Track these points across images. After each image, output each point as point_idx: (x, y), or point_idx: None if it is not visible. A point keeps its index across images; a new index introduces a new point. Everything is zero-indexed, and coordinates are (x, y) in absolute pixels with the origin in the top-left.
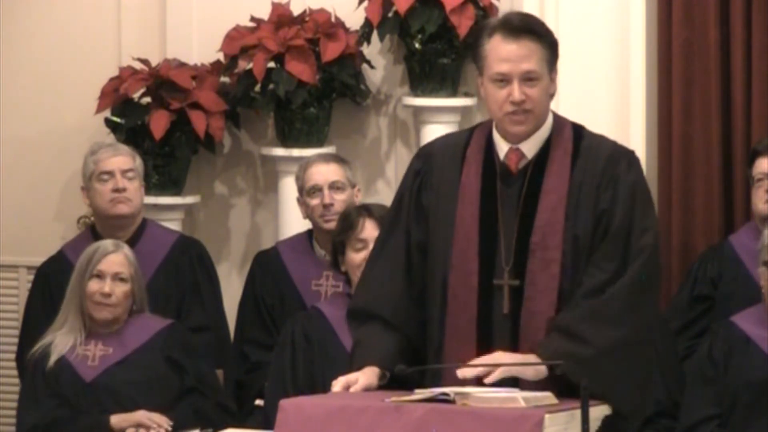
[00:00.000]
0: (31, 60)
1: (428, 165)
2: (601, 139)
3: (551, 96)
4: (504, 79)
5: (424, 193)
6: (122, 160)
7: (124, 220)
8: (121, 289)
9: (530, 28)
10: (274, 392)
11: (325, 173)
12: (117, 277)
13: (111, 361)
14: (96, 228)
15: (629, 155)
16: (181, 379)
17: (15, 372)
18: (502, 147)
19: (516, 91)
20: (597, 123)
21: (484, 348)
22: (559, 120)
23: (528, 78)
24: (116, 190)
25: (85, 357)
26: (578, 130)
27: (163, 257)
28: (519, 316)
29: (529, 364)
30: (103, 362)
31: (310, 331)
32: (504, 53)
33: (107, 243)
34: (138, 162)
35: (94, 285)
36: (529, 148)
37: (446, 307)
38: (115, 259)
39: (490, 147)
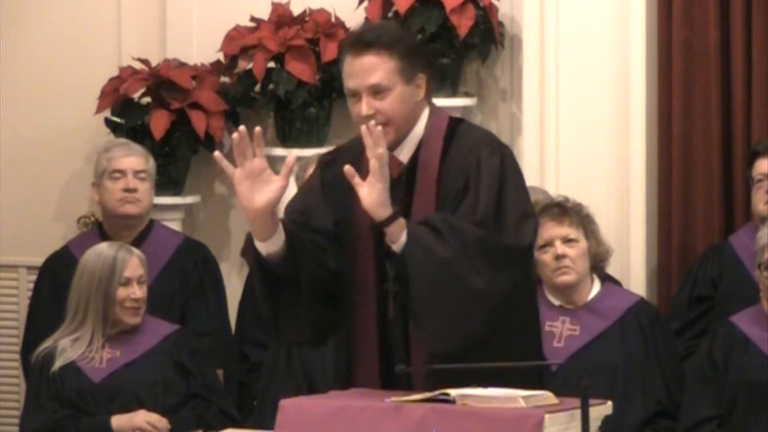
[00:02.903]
0: (31, 60)
1: (335, 162)
2: (472, 133)
3: (419, 101)
4: (355, 95)
5: (329, 186)
6: (136, 160)
7: (132, 220)
8: (144, 291)
9: (375, 42)
10: (267, 391)
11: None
12: (140, 281)
13: (119, 363)
14: (103, 226)
15: (492, 144)
16: (188, 384)
17: (16, 372)
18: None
19: (363, 105)
20: (597, 123)
21: (385, 347)
22: (435, 118)
23: (376, 91)
24: (127, 190)
25: (92, 359)
26: (453, 127)
27: (168, 259)
28: (406, 317)
29: (522, 365)
30: (111, 364)
31: None
32: (350, 69)
33: (120, 248)
34: (151, 163)
35: (123, 292)
36: (403, 153)
37: (351, 306)
38: (135, 262)
39: None
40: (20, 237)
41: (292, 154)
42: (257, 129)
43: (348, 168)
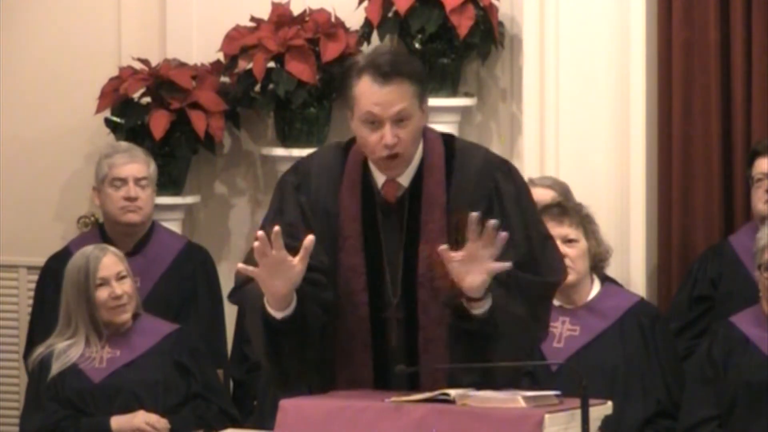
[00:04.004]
0: (31, 60)
1: (306, 186)
2: (472, 152)
3: (422, 127)
4: (375, 121)
5: (309, 212)
6: (137, 167)
7: (134, 227)
8: (127, 287)
9: (398, 71)
10: (268, 391)
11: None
12: (119, 277)
13: (119, 363)
14: (105, 229)
15: (502, 166)
16: (188, 384)
17: (16, 372)
18: (379, 177)
19: (388, 135)
20: (597, 123)
21: (381, 372)
22: (429, 140)
23: (399, 119)
24: (128, 199)
25: (91, 359)
26: (449, 146)
27: (169, 264)
28: (413, 345)
29: (522, 365)
30: (111, 364)
31: None
32: (374, 97)
33: (93, 250)
34: (152, 168)
35: (103, 293)
36: (404, 178)
37: (338, 335)
38: (110, 260)
39: (366, 173)
40: (20, 237)
41: (310, 237)
42: (276, 229)
43: (444, 249)
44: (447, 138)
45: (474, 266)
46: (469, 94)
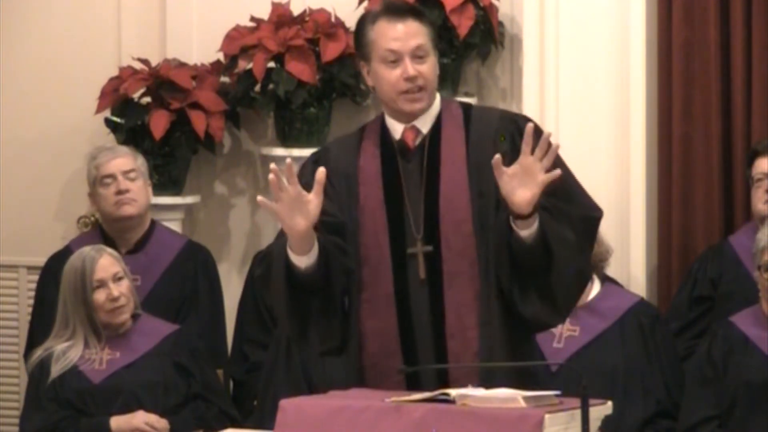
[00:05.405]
0: (31, 60)
1: (325, 158)
2: (489, 108)
3: (437, 73)
4: (395, 59)
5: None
6: (122, 161)
7: (131, 221)
8: (124, 287)
9: (412, 9)
10: (267, 391)
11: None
12: (116, 278)
13: (119, 364)
14: (105, 230)
15: (519, 115)
16: (188, 385)
17: (16, 372)
18: (397, 128)
19: (409, 66)
20: (597, 123)
21: (405, 316)
22: (446, 99)
23: (418, 55)
24: (119, 192)
25: (91, 361)
26: (466, 106)
27: (169, 262)
28: (437, 280)
29: (522, 365)
30: (111, 366)
31: None
32: (392, 33)
33: (88, 251)
34: (140, 161)
35: (100, 295)
36: (423, 124)
37: (361, 285)
38: (106, 262)
39: (384, 133)
40: (20, 237)
41: (321, 169)
42: (288, 161)
43: (497, 160)
44: (463, 102)
45: (525, 180)
46: (469, 94)
